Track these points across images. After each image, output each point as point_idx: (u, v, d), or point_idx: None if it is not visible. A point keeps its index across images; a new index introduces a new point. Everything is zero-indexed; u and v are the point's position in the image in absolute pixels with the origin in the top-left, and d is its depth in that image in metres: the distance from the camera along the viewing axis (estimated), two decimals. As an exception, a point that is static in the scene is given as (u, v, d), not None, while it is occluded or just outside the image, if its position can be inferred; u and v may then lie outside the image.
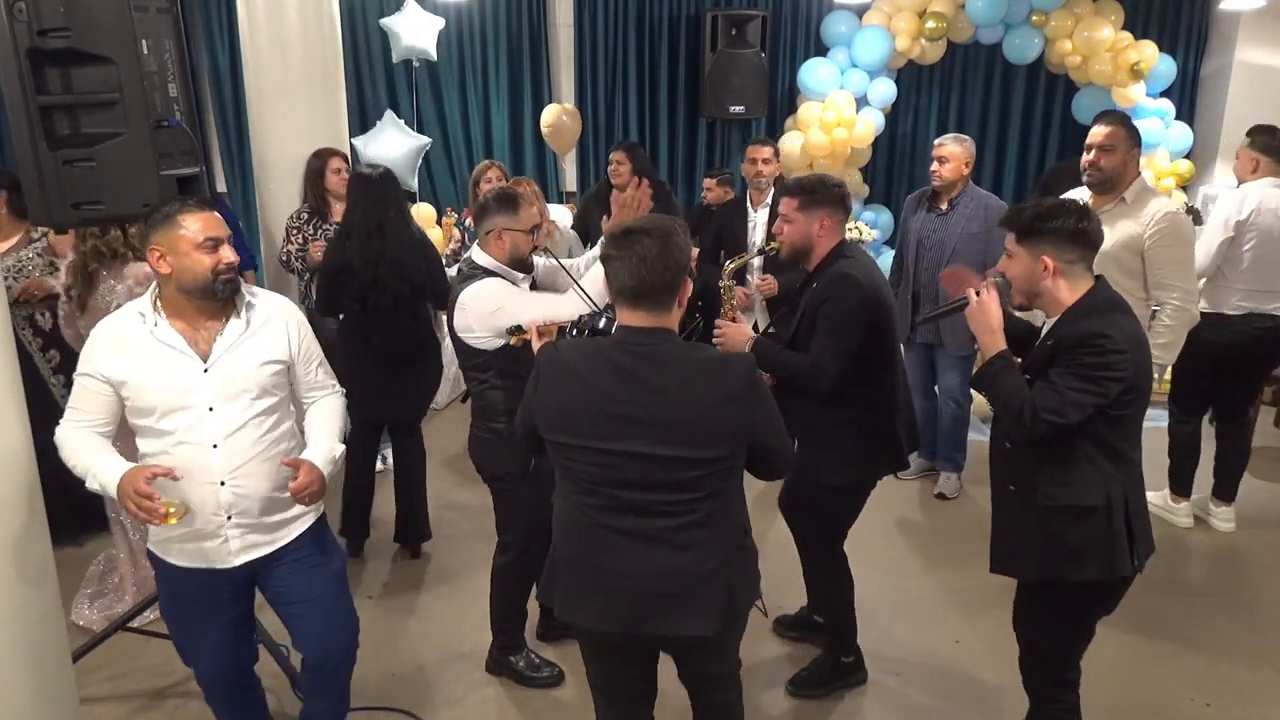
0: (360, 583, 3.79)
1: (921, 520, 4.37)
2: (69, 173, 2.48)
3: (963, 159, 4.20)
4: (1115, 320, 2.17)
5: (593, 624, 2.07)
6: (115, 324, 2.28)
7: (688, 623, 2.02)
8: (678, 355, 1.98)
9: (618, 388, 1.94)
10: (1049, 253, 2.22)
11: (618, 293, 1.98)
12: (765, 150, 4.57)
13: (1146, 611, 3.58)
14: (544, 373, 2.05)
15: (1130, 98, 6.48)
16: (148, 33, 2.52)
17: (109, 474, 2.17)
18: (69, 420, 2.26)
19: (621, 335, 2.01)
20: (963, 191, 4.24)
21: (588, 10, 6.90)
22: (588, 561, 2.05)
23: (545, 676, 3.15)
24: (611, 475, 1.97)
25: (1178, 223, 3.38)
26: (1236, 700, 3.08)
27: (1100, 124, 3.48)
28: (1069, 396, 2.12)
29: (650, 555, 1.99)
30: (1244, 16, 6.68)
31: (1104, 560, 2.24)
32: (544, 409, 2.04)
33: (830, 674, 3.11)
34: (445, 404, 5.79)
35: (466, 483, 4.68)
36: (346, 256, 3.59)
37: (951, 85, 7.32)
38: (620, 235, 1.98)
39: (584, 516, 2.04)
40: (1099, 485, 2.22)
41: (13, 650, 2.34)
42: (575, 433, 1.98)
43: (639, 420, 1.93)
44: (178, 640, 2.49)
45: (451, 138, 7.07)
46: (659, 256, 1.93)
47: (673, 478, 1.96)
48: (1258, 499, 4.53)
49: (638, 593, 2.01)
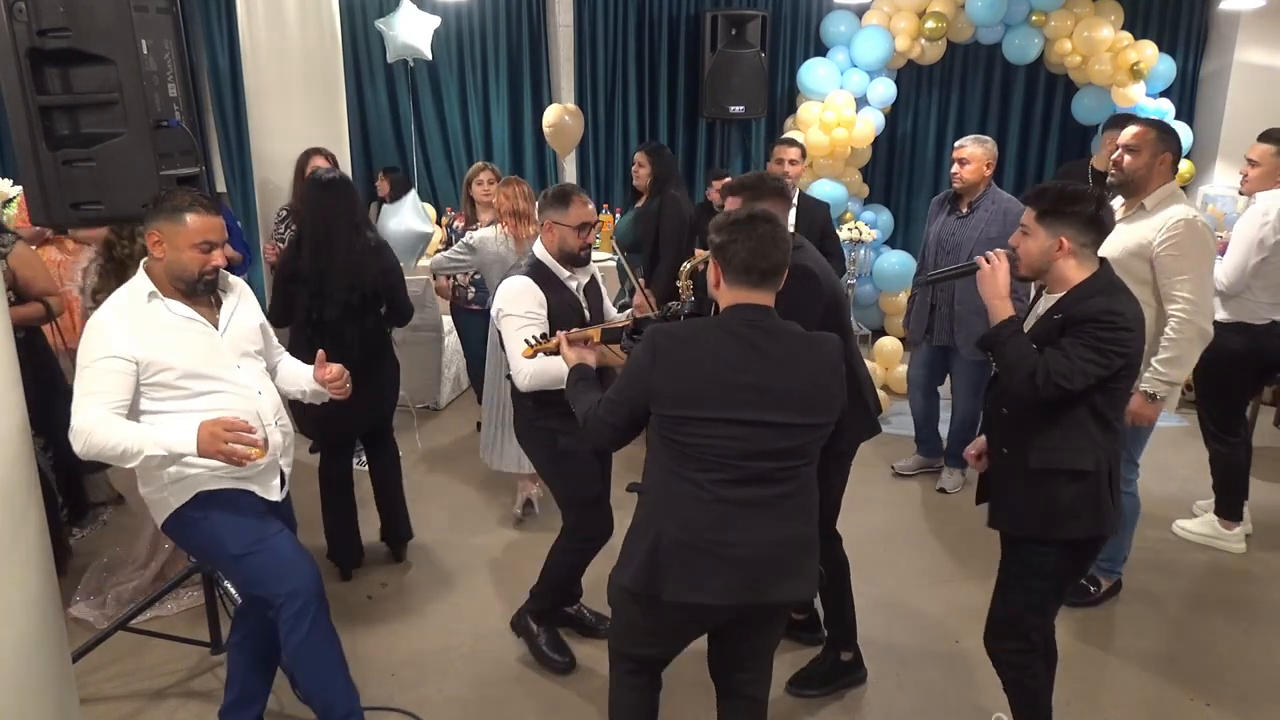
0: (359, 583, 3.80)
1: (922, 519, 4.37)
2: (69, 173, 2.49)
3: (983, 160, 4.19)
4: (1123, 300, 2.33)
5: (714, 599, 2.10)
6: (123, 308, 2.35)
7: (797, 586, 2.17)
8: (785, 328, 2.13)
9: (742, 359, 2.06)
10: (1068, 234, 2.34)
11: (742, 272, 2.08)
12: (793, 151, 4.62)
13: (1146, 611, 3.58)
14: (663, 349, 2.08)
15: (1130, 98, 6.48)
16: (148, 33, 2.53)
17: (179, 434, 2.25)
18: (89, 405, 2.25)
19: (736, 312, 2.11)
20: (984, 194, 4.23)
21: (588, 10, 6.90)
22: (709, 538, 2.08)
23: (557, 661, 3.17)
24: (737, 446, 2.05)
25: (1194, 230, 3.15)
26: (1236, 700, 3.08)
27: (1133, 124, 3.37)
28: (1078, 365, 2.25)
29: (768, 523, 2.10)
30: (1243, 16, 6.69)
31: (1092, 520, 2.39)
32: (670, 382, 2.07)
33: (830, 673, 3.11)
34: (445, 404, 5.79)
35: (464, 481, 4.68)
36: (299, 264, 3.50)
37: (951, 85, 7.33)
38: (743, 220, 2.10)
39: (705, 493, 2.08)
40: (1090, 451, 2.36)
41: (13, 650, 2.34)
42: (704, 405, 2.05)
43: (764, 389, 2.05)
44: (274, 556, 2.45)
45: (451, 138, 7.07)
46: (775, 241, 2.09)
47: (789, 445, 2.08)
48: (1258, 499, 4.52)
49: (758, 561, 2.10)
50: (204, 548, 2.59)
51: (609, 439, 2.24)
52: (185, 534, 2.53)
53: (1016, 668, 2.56)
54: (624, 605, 2.26)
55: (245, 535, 2.45)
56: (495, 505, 4.46)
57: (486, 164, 4.95)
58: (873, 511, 4.30)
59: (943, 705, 3.06)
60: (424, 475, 4.82)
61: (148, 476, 2.46)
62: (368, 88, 6.83)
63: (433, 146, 7.04)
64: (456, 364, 5.79)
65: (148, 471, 2.44)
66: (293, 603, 2.45)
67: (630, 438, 2.22)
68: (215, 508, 2.44)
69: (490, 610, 3.53)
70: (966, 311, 4.26)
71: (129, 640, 3.19)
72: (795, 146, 4.67)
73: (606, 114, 7.14)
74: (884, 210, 7.27)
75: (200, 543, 2.55)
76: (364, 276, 3.48)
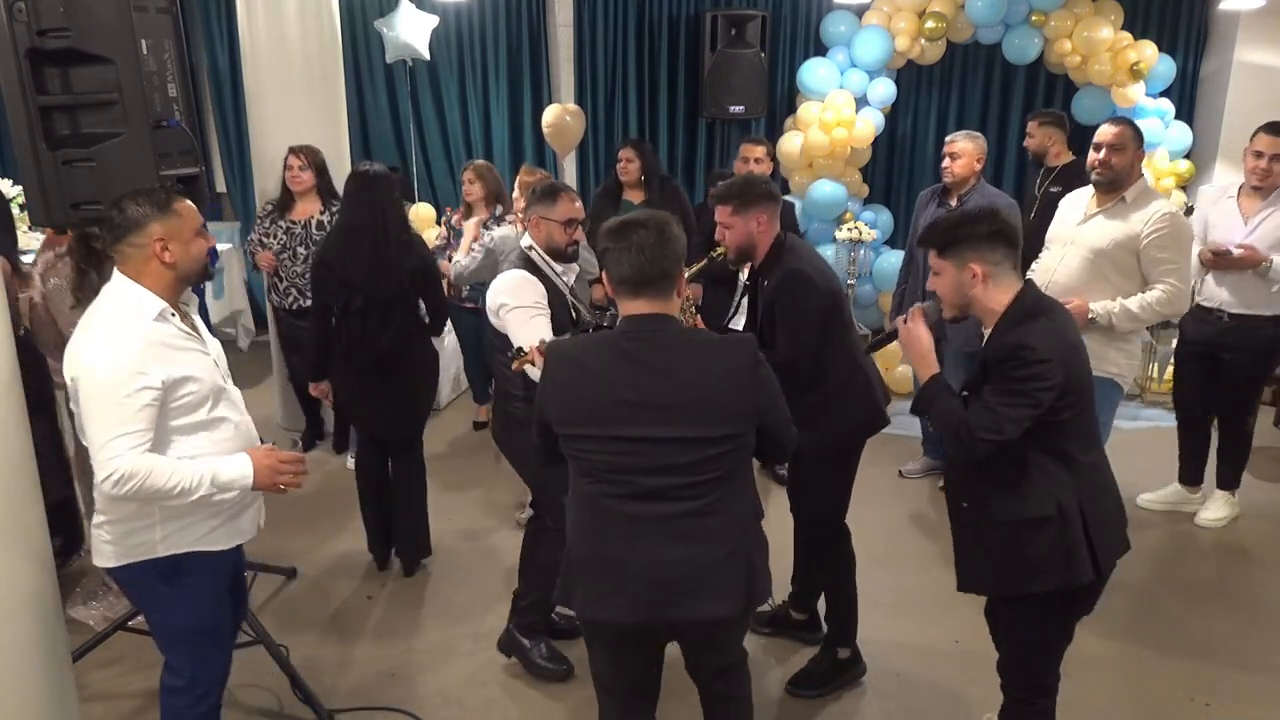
0: (360, 584, 3.80)
1: (923, 519, 4.37)
2: (69, 173, 2.49)
3: (974, 155, 4.23)
4: (1038, 328, 2.16)
5: (617, 617, 2.06)
6: (143, 329, 2.13)
7: (711, 606, 2.05)
8: (680, 338, 2.05)
9: (625, 374, 2.00)
10: (974, 259, 2.23)
11: (618, 283, 2.04)
12: (759, 150, 4.62)
13: (1146, 611, 3.58)
14: (551, 368, 2.08)
15: (1130, 98, 6.48)
16: (147, 33, 2.53)
17: (235, 468, 2.17)
18: (125, 448, 2.04)
19: (624, 324, 2.06)
20: (974, 188, 4.26)
21: (588, 10, 6.90)
22: (608, 555, 2.06)
23: (556, 670, 3.15)
24: (627, 462, 2.00)
25: (1177, 224, 3.38)
26: (1236, 700, 3.08)
27: (1109, 124, 3.51)
28: (1002, 413, 2.14)
29: (671, 541, 2.02)
30: (1243, 16, 6.68)
31: (1062, 570, 2.24)
32: (554, 403, 2.06)
33: (828, 671, 3.12)
34: (445, 404, 5.79)
35: (465, 483, 4.68)
36: (324, 253, 3.60)
37: (951, 85, 7.32)
38: (618, 228, 2.04)
39: (601, 508, 2.05)
40: (1049, 495, 2.22)
41: (12, 650, 2.34)
42: (588, 422, 2.01)
43: (648, 405, 1.98)
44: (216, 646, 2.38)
45: (451, 138, 7.07)
46: (656, 245, 2.00)
47: (686, 460, 1.99)
48: (1258, 498, 4.53)
49: (661, 580, 2.03)
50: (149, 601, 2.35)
51: (538, 457, 2.23)
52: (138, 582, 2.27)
53: (1024, 701, 2.50)
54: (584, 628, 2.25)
55: (200, 618, 2.31)
56: (495, 505, 4.46)
57: (470, 163, 4.97)
58: (875, 510, 4.30)
59: (942, 705, 3.06)
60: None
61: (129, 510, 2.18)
62: (368, 88, 6.82)
63: (433, 146, 7.03)
64: (456, 364, 5.79)
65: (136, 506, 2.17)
66: (207, 691, 2.38)
67: (556, 459, 2.15)
68: (188, 575, 2.25)
69: (490, 610, 3.53)
70: None
71: (129, 640, 3.18)
72: (761, 145, 4.68)
73: (606, 114, 7.13)
74: (884, 210, 7.26)
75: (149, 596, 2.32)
76: (393, 275, 3.49)
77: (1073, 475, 2.23)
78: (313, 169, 4.46)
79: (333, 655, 3.32)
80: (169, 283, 2.21)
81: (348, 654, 3.33)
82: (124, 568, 2.24)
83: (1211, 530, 4.23)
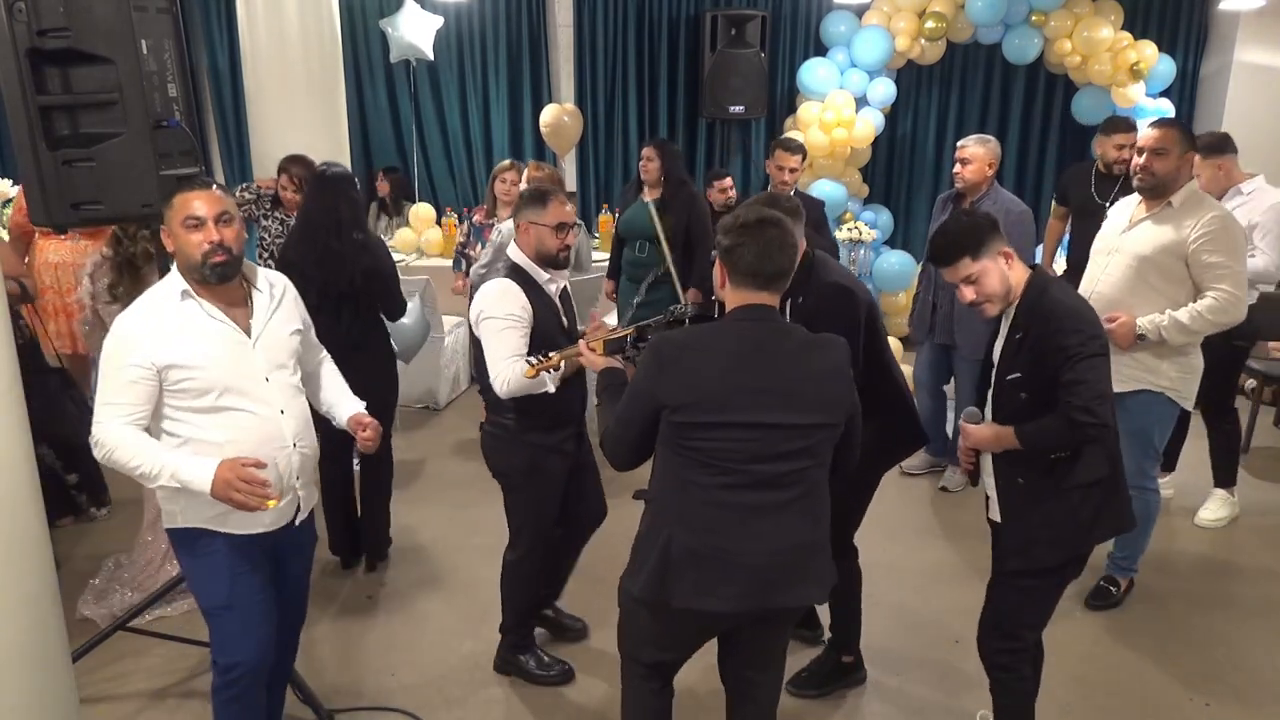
0: (360, 584, 3.80)
1: (924, 519, 4.37)
2: (69, 173, 2.49)
3: (985, 160, 4.19)
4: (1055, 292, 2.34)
5: (729, 606, 2.08)
6: (150, 309, 2.22)
7: (808, 590, 2.15)
8: (793, 330, 2.14)
9: (747, 361, 2.05)
10: (999, 246, 2.36)
11: (749, 275, 2.08)
12: (795, 159, 4.60)
13: (1146, 611, 3.58)
14: (669, 355, 2.08)
15: (1130, 98, 6.48)
16: (147, 33, 2.53)
17: (197, 471, 2.16)
18: (110, 417, 2.18)
19: (742, 313, 2.11)
20: (986, 194, 4.22)
21: (588, 10, 6.91)
22: (718, 545, 2.07)
23: (555, 674, 3.14)
24: (747, 449, 2.04)
25: (1228, 226, 3.16)
26: (1236, 700, 3.08)
27: (1152, 127, 3.32)
28: (1089, 378, 2.23)
29: (777, 528, 2.08)
30: (1243, 16, 6.69)
31: (1114, 521, 2.42)
32: (678, 390, 2.06)
33: (830, 674, 3.11)
34: (445, 404, 5.79)
35: (467, 481, 4.68)
36: (287, 250, 3.66)
37: (951, 85, 7.33)
38: (752, 223, 2.09)
39: (714, 498, 2.07)
40: (1102, 453, 2.34)
41: (13, 650, 2.34)
42: (712, 409, 2.03)
43: (772, 391, 2.04)
44: (235, 624, 2.35)
45: (451, 138, 7.07)
46: (784, 245, 2.09)
47: (796, 446, 2.07)
48: (1258, 498, 4.53)
49: (768, 567, 2.08)
50: (184, 568, 2.44)
51: (624, 457, 2.21)
52: (178, 551, 2.41)
53: (1004, 668, 2.54)
54: (634, 611, 2.25)
55: (217, 592, 2.33)
56: (495, 505, 4.44)
57: (515, 162, 4.96)
58: (876, 509, 4.28)
59: (942, 705, 3.06)
60: (424, 475, 4.82)
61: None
62: (368, 88, 6.83)
63: (433, 146, 7.04)
64: (456, 364, 5.79)
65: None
66: (228, 674, 2.35)
67: (646, 454, 2.18)
68: (205, 550, 2.31)
69: (490, 611, 3.52)
70: (966, 311, 4.23)
71: (129, 640, 3.19)
72: (798, 154, 4.62)
73: (606, 114, 7.14)
74: (884, 210, 7.27)
75: (183, 566, 2.42)
76: (342, 272, 3.52)
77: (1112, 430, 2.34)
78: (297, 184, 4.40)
79: (333, 655, 3.32)
80: (186, 270, 2.25)
81: (348, 654, 3.33)
82: (168, 531, 2.37)
83: (1211, 530, 4.23)
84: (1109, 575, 3.62)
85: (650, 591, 2.12)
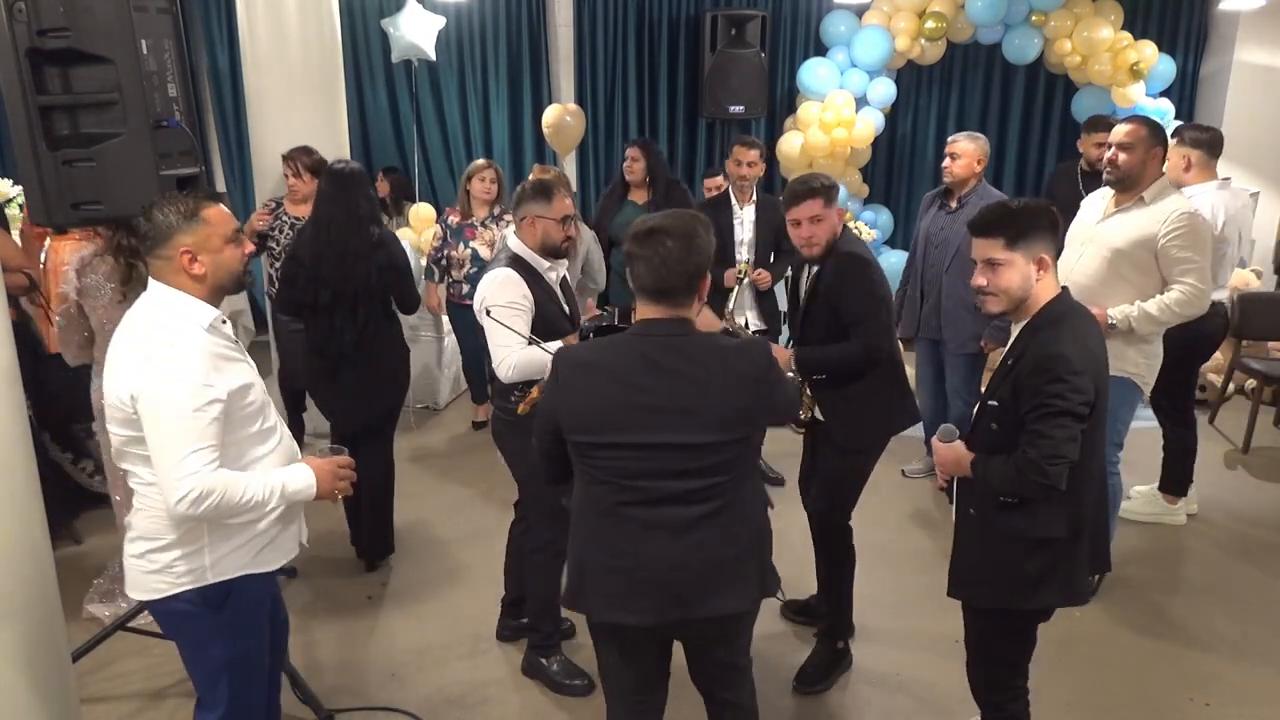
0: (360, 584, 3.80)
1: (925, 518, 4.37)
2: (69, 173, 2.49)
3: (974, 156, 4.20)
4: (1066, 335, 2.14)
5: (640, 620, 2.06)
6: (196, 341, 2.01)
7: (729, 601, 2.07)
8: (701, 343, 2.03)
9: (647, 379, 1.97)
10: (1042, 249, 2.20)
11: (639, 289, 2.02)
12: (752, 154, 4.57)
13: (1146, 611, 3.58)
14: (564, 374, 2.04)
15: (1130, 98, 6.48)
16: (148, 33, 2.53)
17: (298, 480, 2.12)
18: (201, 465, 1.95)
19: (644, 328, 2.02)
20: (974, 190, 4.23)
21: (588, 10, 6.90)
22: (625, 560, 2.04)
23: (577, 685, 3.11)
24: (645, 468, 1.98)
25: (1195, 223, 3.29)
26: (1236, 700, 3.08)
27: (1122, 123, 3.46)
28: (1056, 436, 2.08)
29: (689, 543, 2.02)
30: (1243, 16, 6.69)
31: (1061, 588, 2.25)
32: (569, 411, 2.02)
33: (829, 662, 3.16)
34: (445, 404, 5.79)
35: (467, 481, 4.68)
36: (297, 246, 3.65)
37: (951, 85, 7.33)
38: (645, 234, 1.99)
39: (617, 514, 2.03)
40: (1063, 515, 2.19)
41: (13, 650, 2.34)
42: (607, 430, 1.98)
43: (672, 410, 1.96)
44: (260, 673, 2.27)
45: (451, 138, 7.07)
46: (680, 259, 1.96)
47: (704, 463, 1.98)
48: (1257, 499, 4.53)
49: (680, 580, 2.03)
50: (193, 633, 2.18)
51: (545, 472, 2.19)
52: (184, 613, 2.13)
53: (996, 707, 2.50)
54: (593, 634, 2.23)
55: (254, 643, 2.22)
56: (495, 505, 4.46)
57: (490, 162, 4.96)
58: (877, 509, 4.29)
59: (942, 705, 3.06)
60: (424, 475, 4.82)
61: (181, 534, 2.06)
62: (368, 88, 6.83)
63: (433, 146, 7.04)
64: (456, 364, 5.79)
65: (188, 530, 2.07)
66: None
67: (563, 467, 2.12)
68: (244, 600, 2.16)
69: (490, 611, 3.53)
70: (954, 306, 4.28)
71: (129, 640, 3.19)
72: (756, 148, 4.61)
73: (606, 114, 7.14)
74: (884, 210, 7.27)
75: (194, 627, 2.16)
76: (360, 269, 3.53)
77: (1086, 492, 2.20)
78: (308, 172, 4.42)
79: (333, 655, 3.32)
80: (201, 296, 2.08)
81: (348, 654, 3.33)
82: (170, 599, 2.10)
83: (1208, 530, 4.22)
84: None
85: (569, 603, 2.15)
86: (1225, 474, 4.85)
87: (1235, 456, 5.04)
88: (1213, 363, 5.31)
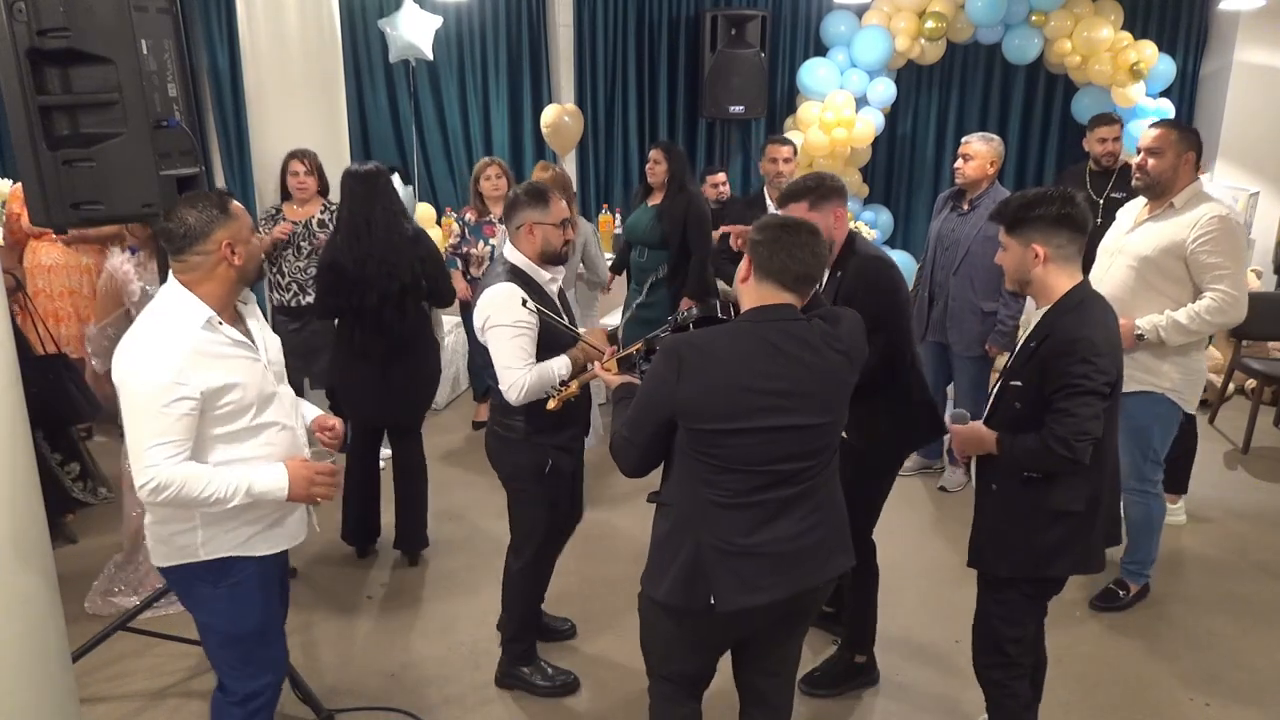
0: (360, 584, 3.80)
1: (921, 518, 4.37)
2: (69, 173, 2.48)
3: (987, 158, 4.19)
4: (1089, 318, 2.27)
5: (769, 597, 2.08)
6: (183, 337, 2.08)
7: (842, 560, 2.19)
8: (815, 328, 2.10)
9: (774, 365, 2.03)
10: (1038, 240, 2.32)
11: (777, 273, 2.07)
12: (786, 150, 4.61)
13: (1146, 611, 3.58)
14: (687, 361, 2.03)
15: (1130, 98, 6.48)
16: (147, 33, 2.52)
17: (270, 480, 2.15)
18: (162, 458, 2.03)
19: (759, 314, 2.09)
20: (986, 192, 4.21)
21: (588, 10, 6.90)
22: (748, 543, 2.06)
23: (560, 685, 3.10)
24: (768, 452, 2.03)
25: (1227, 227, 3.13)
26: (1236, 700, 3.08)
27: (1150, 127, 3.33)
28: (1081, 414, 2.19)
29: (799, 518, 2.09)
30: (1243, 16, 6.69)
31: (1077, 558, 2.38)
32: (695, 400, 2.02)
33: (843, 673, 3.12)
34: (445, 404, 5.79)
35: (468, 483, 4.68)
36: (335, 254, 3.59)
37: (951, 85, 7.33)
38: (788, 225, 2.11)
39: (736, 500, 2.05)
40: (1082, 489, 2.32)
41: (13, 650, 2.34)
42: (739, 416, 2.01)
43: (797, 393, 2.03)
44: (264, 649, 2.34)
45: (451, 138, 7.06)
46: (819, 250, 2.10)
47: (821, 443, 2.09)
48: (1257, 499, 4.53)
49: (805, 552, 2.11)
50: (196, 602, 2.30)
51: (633, 463, 2.16)
52: (185, 581, 2.26)
53: (997, 685, 2.54)
54: (657, 620, 2.21)
55: (248, 621, 2.28)
56: (495, 506, 4.45)
57: (494, 159, 4.96)
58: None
59: (942, 704, 3.06)
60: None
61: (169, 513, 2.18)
62: (368, 88, 6.82)
63: (433, 146, 7.03)
64: (456, 364, 5.79)
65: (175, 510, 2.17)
66: (250, 702, 2.33)
67: (657, 459, 2.14)
68: (234, 579, 2.24)
69: (490, 611, 3.52)
70: (960, 308, 4.27)
71: (129, 640, 3.19)
72: (788, 145, 4.65)
73: (606, 114, 7.14)
74: (884, 210, 7.28)
75: (196, 596, 2.28)
76: (402, 264, 3.56)
77: (1104, 468, 2.32)
78: (315, 173, 4.46)
79: (333, 655, 3.32)
80: (231, 286, 2.19)
81: (348, 654, 3.33)
82: (172, 568, 2.25)
83: (1208, 529, 4.22)
84: (1119, 579, 3.61)
85: (678, 598, 2.10)
86: (1225, 474, 4.85)
87: (1235, 456, 5.04)
88: (1213, 363, 5.32)
